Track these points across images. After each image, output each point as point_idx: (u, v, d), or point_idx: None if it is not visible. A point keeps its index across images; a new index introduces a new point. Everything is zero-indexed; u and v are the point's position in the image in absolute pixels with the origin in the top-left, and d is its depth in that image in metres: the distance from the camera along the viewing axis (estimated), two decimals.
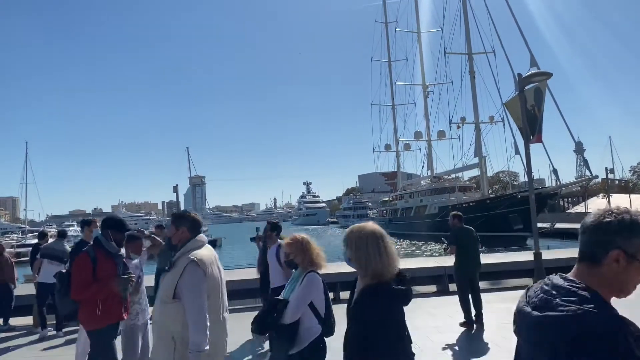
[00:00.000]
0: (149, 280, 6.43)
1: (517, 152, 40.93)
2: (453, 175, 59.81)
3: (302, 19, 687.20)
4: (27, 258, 27.57)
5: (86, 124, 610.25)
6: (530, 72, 11.05)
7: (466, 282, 8.17)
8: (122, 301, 4.56)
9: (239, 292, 10.93)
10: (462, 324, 7.89)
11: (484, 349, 6.60)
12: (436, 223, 47.10)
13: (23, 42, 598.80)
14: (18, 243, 60.07)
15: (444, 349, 6.71)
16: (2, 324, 9.71)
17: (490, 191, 58.36)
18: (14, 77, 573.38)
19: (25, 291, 10.47)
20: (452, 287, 10.86)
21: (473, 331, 7.65)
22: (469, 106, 51.46)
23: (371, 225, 2.97)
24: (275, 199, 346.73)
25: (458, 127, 53.16)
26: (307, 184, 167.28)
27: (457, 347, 6.77)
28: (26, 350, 8.04)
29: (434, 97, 60.56)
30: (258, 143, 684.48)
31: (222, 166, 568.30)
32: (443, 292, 10.52)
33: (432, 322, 8.28)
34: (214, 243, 42.27)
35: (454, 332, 7.59)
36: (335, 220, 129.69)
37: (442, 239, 8.37)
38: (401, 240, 50.25)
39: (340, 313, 3.27)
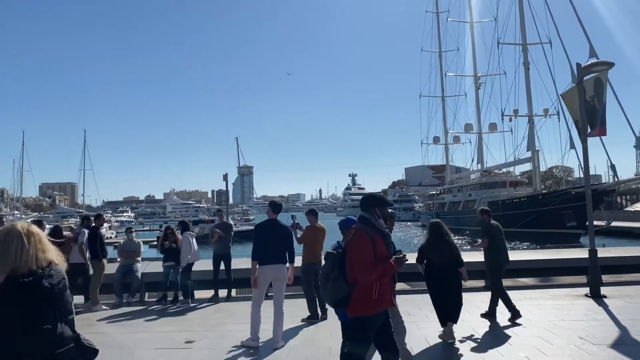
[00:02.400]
0: None
1: (572, 146, 39.32)
2: (504, 170, 58.18)
3: (351, 10, 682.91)
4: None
5: (140, 114, 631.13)
6: (589, 62, 10.58)
7: (500, 275, 8.17)
8: (392, 285, 4.27)
9: None
10: (511, 319, 7.71)
11: (530, 343, 6.46)
12: None
13: (82, 31, 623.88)
14: (76, 227, 63.10)
15: (494, 343, 6.60)
16: (83, 302, 10.24)
17: (542, 187, 56.49)
18: (75, 66, 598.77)
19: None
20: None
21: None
22: (522, 98, 50.24)
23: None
24: (320, 190, 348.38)
25: (510, 120, 51.62)
26: (353, 176, 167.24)
27: (502, 342, 6.64)
28: (85, 327, 8.49)
29: (485, 89, 59.01)
30: (305, 135, 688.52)
31: (270, 156, 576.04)
32: (487, 288, 10.27)
33: (478, 316, 8.16)
34: None
35: (502, 327, 7.44)
36: None
37: (467, 232, 8.24)
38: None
39: None
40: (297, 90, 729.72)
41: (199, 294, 10.65)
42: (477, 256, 12.84)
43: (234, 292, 11.27)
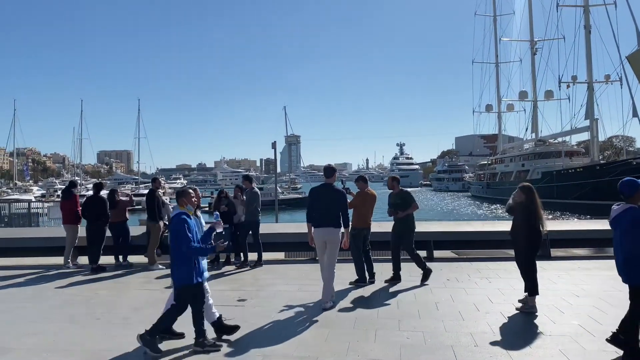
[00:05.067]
0: None
1: (635, 114, 37.41)
2: (560, 139, 56.02)
3: None
4: (140, 207, 30.51)
5: (191, 84, 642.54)
6: None
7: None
8: None
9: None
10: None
11: (584, 312, 6.34)
12: (539, 189, 44.74)
13: (134, 1, 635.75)
14: (132, 192, 66.12)
15: (546, 311, 6.51)
16: (121, 261, 10.81)
17: (600, 157, 54.06)
18: (128, 36, 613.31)
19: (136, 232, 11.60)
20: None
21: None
22: (581, 64, 47.51)
23: None
24: (367, 160, 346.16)
25: (568, 87, 49.39)
26: (401, 145, 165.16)
27: (555, 310, 6.54)
28: (144, 284, 8.96)
29: (542, 54, 56.60)
30: (352, 103, 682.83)
31: (317, 125, 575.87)
32: (543, 256, 10.08)
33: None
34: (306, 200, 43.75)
35: (556, 296, 7.31)
36: (428, 183, 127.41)
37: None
38: (499, 205, 48.47)
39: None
40: (345, 58, 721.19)
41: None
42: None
43: (282, 255, 11.56)
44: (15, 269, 10.51)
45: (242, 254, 10.51)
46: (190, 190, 5.55)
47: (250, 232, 10.49)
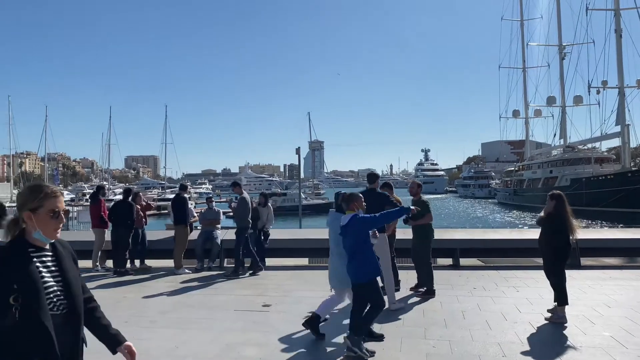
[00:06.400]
0: None
1: None
2: (589, 145, 54.76)
3: None
4: (166, 211, 31.10)
5: (217, 90, 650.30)
6: None
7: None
8: None
9: None
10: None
11: (616, 323, 6.17)
12: (567, 196, 43.81)
13: (162, 7, 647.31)
14: (159, 197, 67.43)
15: (576, 321, 6.37)
16: (133, 265, 11.03)
17: (632, 164, 52.68)
18: (156, 44, 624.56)
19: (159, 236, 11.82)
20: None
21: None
22: (612, 68, 46.53)
23: None
24: (391, 166, 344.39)
25: (598, 92, 48.43)
26: (426, 151, 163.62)
27: (585, 321, 6.39)
28: (170, 288, 9.07)
29: (571, 59, 55.46)
30: (375, 109, 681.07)
31: (340, 131, 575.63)
32: (573, 265, 9.86)
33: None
34: (330, 205, 43.98)
35: (587, 306, 7.14)
36: (454, 189, 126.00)
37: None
38: (526, 212, 47.62)
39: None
40: (369, 63, 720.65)
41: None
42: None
43: (306, 261, 11.57)
44: None
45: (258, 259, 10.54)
46: (354, 195, 5.75)
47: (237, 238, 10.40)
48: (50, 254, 2.26)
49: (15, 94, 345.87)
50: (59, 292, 2.20)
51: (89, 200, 12.64)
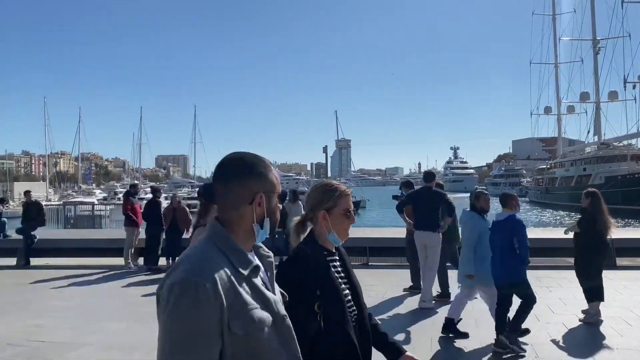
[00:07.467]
0: None
1: None
2: (625, 142, 53.15)
3: None
4: (196, 209, 31.53)
5: (244, 90, 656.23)
6: None
7: None
8: None
9: (384, 250, 11.28)
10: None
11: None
12: (602, 195, 42.67)
13: (191, 14, 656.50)
14: (188, 196, 68.51)
15: (615, 323, 6.24)
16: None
17: None
18: (185, 48, 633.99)
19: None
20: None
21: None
22: None
23: None
24: (419, 164, 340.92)
25: (634, 87, 47.07)
26: (455, 149, 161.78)
27: (623, 322, 6.25)
28: None
29: (606, 54, 53.81)
30: (403, 107, 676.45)
31: (367, 130, 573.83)
32: (609, 266, 9.62)
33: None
34: (357, 204, 44.00)
35: (623, 307, 6.98)
36: (484, 187, 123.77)
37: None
38: (559, 211, 46.63)
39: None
40: (396, 60, 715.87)
41: None
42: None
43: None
44: (82, 268, 11.02)
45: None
46: (510, 194, 6.00)
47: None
48: (337, 257, 2.12)
49: (51, 95, 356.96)
50: (351, 301, 2.05)
51: (122, 198, 12.93)
